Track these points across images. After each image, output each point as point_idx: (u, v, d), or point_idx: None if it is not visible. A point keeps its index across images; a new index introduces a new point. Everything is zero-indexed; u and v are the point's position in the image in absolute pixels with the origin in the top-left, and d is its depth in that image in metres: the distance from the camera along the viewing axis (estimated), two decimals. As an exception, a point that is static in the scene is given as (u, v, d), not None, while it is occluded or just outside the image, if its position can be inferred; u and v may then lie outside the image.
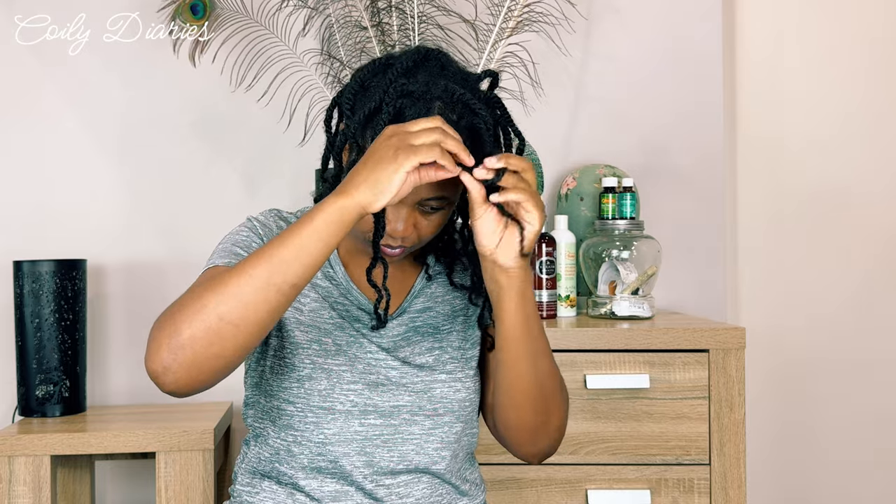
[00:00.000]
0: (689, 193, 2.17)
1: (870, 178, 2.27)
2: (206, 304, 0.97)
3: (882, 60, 2.28)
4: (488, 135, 1.07)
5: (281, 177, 2.13)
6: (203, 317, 0.97)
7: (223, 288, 0.97)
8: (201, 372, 0.98)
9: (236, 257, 1.12)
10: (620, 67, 2.18)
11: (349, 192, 0.98)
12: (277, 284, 0.97)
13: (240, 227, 1.20)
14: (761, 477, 2.25)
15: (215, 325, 0.97)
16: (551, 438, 1.21)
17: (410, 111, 1.05)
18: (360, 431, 1.13)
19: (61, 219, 2.11)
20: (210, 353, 0.97)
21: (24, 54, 2.09)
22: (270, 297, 0.98)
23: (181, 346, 0.97)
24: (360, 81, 1.12)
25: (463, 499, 1.20)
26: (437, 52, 1.13)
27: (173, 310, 1.00)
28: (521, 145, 1.14)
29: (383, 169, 0.97)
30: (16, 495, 1.73)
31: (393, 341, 1.18)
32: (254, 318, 0.97)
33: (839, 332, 2.26)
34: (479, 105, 1.07)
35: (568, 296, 1.92)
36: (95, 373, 2.10)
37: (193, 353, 0.97)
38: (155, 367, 0.98)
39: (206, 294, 0.98)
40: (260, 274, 0.97)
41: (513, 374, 1.14)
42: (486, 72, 1.16)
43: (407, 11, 1.90)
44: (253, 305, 0.97)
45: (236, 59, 2.04)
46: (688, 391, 1.70)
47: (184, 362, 0.97)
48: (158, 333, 0.99)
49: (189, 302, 0.99)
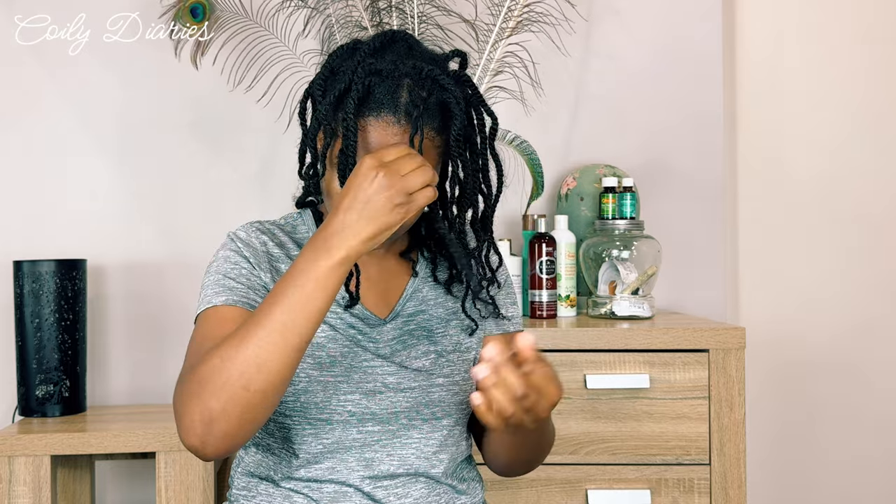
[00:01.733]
0: (689, 193, 2.17)
1: (870, 177, 2.27)
2: (228, 377, 0.96)
3: (882, 60, 2.27)
4: (459, 109, 1.07)
5: (281, 177, 2.13)
6: (229, 391, 0.96)
7: (240, 358, 0.96)
8: (238, 437, 0.99)
9: (231, 291, 1.10)
10: (620, 67, 2.18)
11: (348, 247, 0.97)
12: (294, 345, 0.98)
13: (223, 251, 1.16)
14: (761, 477, 2.25)
15: (244, 396, 0.97)
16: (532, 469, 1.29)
17: (380, 89, 1.05)
18: (359, 438, 1.13)
19: (61, 219, 2.11)
20: (244, 421, 0.98)
21: (24, 54, 2.09)
22: (290, 356, 0.98)
23: (214, 420, 0.97)
24: (328, 67, 1.12)
25: (461, 497, 1.20)
26: (403, 33, 1.13)
27: (194, 384, 0.99)
28: (494, 125, 1.14)
29: (384, 222, 0.97)
30: (16, 495, 1.73)
31: (389, 346, 1.17)
32: (278, 379, 0.98)
33: (839, 331, 2.26)
34: (448, 81, 1.07)
35: (568, 296, 1.92)
36: (95, 373, 2.10)
37: (227, 425, 0.97)
38: (193, 442, 0.99)
39: (226, 366, 0.97)
40: (274, 340, 0.97)
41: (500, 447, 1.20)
42: (454, 51, 1.16)
43: (407, 11, 1.90)
44: (276, 369, 0.97)
45: (236, 59, 2.04)
46: (688, 391, 1.70)
47: (219, 434, 0.98)
48: (186, 409, 0.98)
49: (210, 376, 0.97)
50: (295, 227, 1.23)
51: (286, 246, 1.18)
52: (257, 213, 2.10)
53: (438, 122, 1.08)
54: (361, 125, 1.06)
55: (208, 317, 1.09)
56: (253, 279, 1.13)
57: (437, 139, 1.09)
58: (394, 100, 1.05)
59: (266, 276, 1.13)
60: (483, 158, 1.14)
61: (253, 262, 1.14)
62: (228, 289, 1.11)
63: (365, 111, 1.06)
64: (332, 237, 0.98)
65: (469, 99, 1.11)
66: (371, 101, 1.06)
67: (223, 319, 1.07)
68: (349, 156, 1.04)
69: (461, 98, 1.08)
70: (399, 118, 1.05)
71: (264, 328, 0.97)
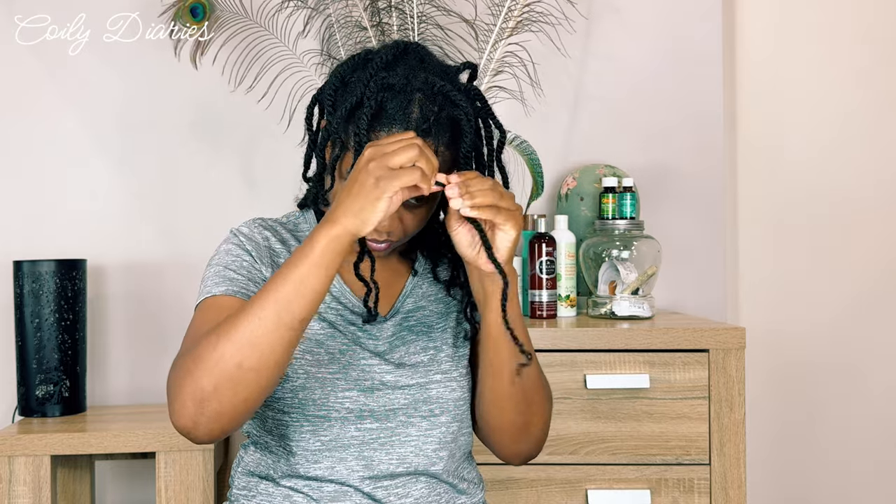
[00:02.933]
0: (689, 193, 2.17)
1: (869, 177, 2.27)
2: (222, 354, 0.97)
3: (882, 60, 2.27)
4: (469, 126, 1.08)
5: (281, 177, 2.13)
6: (222, 367, 0.97)
7: (236, 335, 0.97)
8: (230, 419, 0.99)
9: (231, 282, 1.12)
10: (620, 67, 2.18)
11: (338, 221, 0.99)
12: (288, 323, 0.98)
13: (225, 244, 1.18)
14: (761, 477, 2.25)
15: (236, 373, 0.97)
16: (533, 441, 1.22)
17: (392, 104, 1.06)
18: (357, 436, 1.13)
19: (61, 219, 2.11)
20: (236, 401, 0.98)
21: (24, 54, 2.09)
22: (283, 336, 0.98)
23: (206, 399, 0.97)
24: (339, 77, 1.12)
25: (461, 497, 1.20)
26: (415, 45, 1.13)
27: (188, 362, 0.99)
28: (502, 138, 1.14)
29: (366, 197, 0.98)
30: (16, 495, 1.73)
31: (388, 342, 1.18)
32: (271, 359, 0.98)
33: (839, 331, 2.26)
34: (459, 96, 1.07)
35: (568, 296, 1.92)
36: (95, 373, 2.10)
37: (220, 405, 0.97)
38: (184, 423, 0.99)
39: (221, 343, 0.98)
40: (268, 316, 0.98)
41: (496, 375, 1.16)
42: (464, 63, 1.17)
43: (407, 11, 1.90)
44: (269, 348, 0.98)
45: (236, 59, 2.04)
46: (688, 391, 1.70)
47: (212, 414, 0.98)
48: (180, 389, 0.99)
49: (204, 353, 0.98)
50: (297, 225, 1.24)
51: (288, 243, 1.20)
52: (257, 212, 2.09)
53: (448, 136, 1.09)
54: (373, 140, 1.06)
55: (207, 306, 1.11)
56: (254, 272, 1.14)
57: (447, 153, 1.10)
58: (405, 115, 1.06)
59: (267, 270, 1.15)
60: (489, 171, 1.14)
61: (255, 256, 1.15)
62: (228, 280, 1.12)
63: (376, 126, 1.06)
64: (328, 217, 1.00)
65: (478, 112, 1.12)
66: (383, 117, 1.06)
67: (221, 308, 1.08)
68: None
69: (472, 114, 1.08)
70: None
71: (260, 307, 0.98)
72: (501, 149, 1.15)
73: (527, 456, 1.24)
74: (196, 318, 1.10)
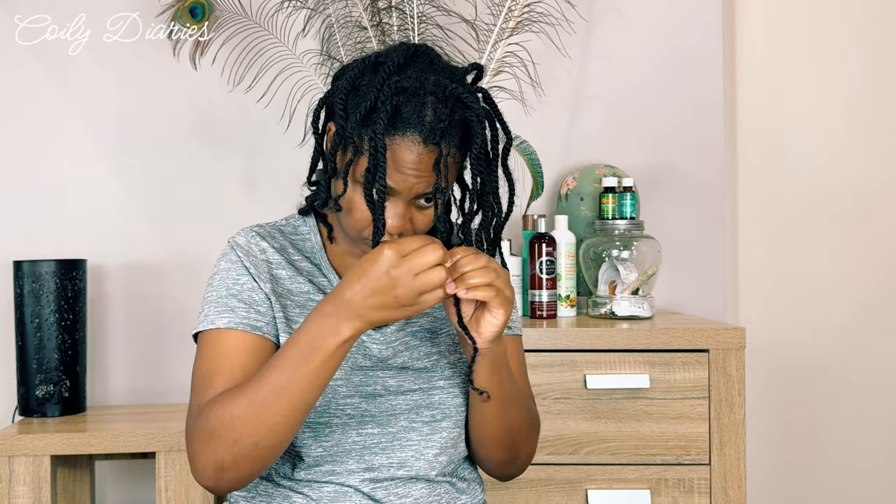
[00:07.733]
0: (689, 193, 2.17)
1: (869, 177, 2.27)
2: (239, 437, 1.02)
3: (882, 60, 2.27)
4: (479, 127, 1.07)
5: (281, 177, 2.13)
6: (241, 448, 1.02)
7: (252, 420, 1.01)
8: (249, 479, 1.06)
9: (232, 313, 1.12)
10: (620, 68, 2.18)
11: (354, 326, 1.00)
12: (302, 409, 1.03)
13: (224, 261, 1.17)
14: (761, 477, 2.25)
15: (253, 452, 1.02)
16: (518, 468, 1.26)
17: (406, 108, 1.05)
18: (358, 441, 1.13)
19: (61, 219, 2.11)
20: (255, 469, 1.05)
21: (24, 54, 2.09)
22: (298, 419, 1.03)
23: (226, 469, 1.03)
24: (350, 81, 1.11)
25: (462, 497, 1.20)
26: (424, 47, 1.13)
27: (205, 434, 1.03)
28: (508, 141, 1.14)
29: (387, 314, 1.00)
30: (16, 495, 1.73)
31: (392, 347, 1.18)
32: (287, 437, 1.04)
33: (839, 331, 2.26)
34: (470, 98, 1.07)
35: (568, 296, 1.92)
36: (95, 373, 2.10)
37: (238, 473, 1.04)
38: (206, 484, 1.06)
39: (237, 426, 1.01)
40: (284, 407, 1.01)
41: (481, 418, 1.17)
42: (472, 65, 1.16)
43: (407, 11, 1.90)
44: (285, 429, 1.03)
45: (236, 59, 2.04)
46: (688, 391, 1.70)
47: (231, 479, 1.05)
48: (199, 455, 1.04)
49: (221, 431, 1.02)
50: (296, 229, 1.23)
51: (286, 251, 1.19)
52: (257, 212, 2.09)
53: (459, 138, 1.08)
54: (388, 143, 1.06)
55: (211, 341, 1.11)
56: (255, 294, 1.14)
57: (457, 155, 1.10)
58: (420, 118, 1.05)
59: (266, 285, 1.15)
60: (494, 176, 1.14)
61: (253, 274, 1.15)
62: (230, 309, 1.12)
63: (391, 130, 1.06)
64: (340, 312, 1.00)
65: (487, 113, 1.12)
66: (398, 121, 1.05)
67: (227, 349, 1.10)
68: (377, 175, 1.04)
69: (483, 116, 1.08)
70: (424, 137, 1.06)
71: (274, 393, 1.01)
72: (508, 152, 1.15)
73: (512, 478, 1.28)
74: (201, 355, 1.11)
